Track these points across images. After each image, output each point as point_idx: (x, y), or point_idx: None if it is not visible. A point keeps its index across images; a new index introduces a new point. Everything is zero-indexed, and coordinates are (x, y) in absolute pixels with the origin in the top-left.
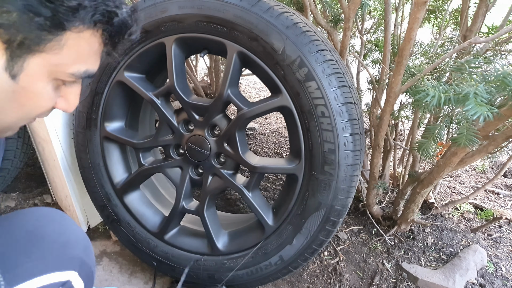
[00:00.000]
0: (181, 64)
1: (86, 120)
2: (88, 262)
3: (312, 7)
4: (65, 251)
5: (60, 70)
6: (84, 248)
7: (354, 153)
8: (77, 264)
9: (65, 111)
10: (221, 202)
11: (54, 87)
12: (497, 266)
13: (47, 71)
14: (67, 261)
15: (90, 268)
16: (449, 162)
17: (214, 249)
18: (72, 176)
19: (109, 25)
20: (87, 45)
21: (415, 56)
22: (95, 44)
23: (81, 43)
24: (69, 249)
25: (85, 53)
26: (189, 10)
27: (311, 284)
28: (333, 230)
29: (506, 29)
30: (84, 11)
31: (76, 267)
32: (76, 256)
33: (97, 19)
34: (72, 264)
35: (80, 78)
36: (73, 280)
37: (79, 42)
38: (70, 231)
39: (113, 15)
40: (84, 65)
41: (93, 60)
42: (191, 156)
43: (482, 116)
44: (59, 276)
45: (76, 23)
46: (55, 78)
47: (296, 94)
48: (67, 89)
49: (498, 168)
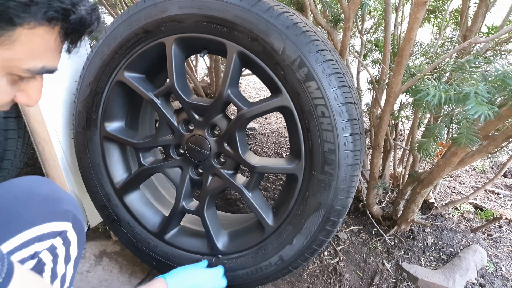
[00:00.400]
0: (181, 64)
1: (86, 120)
2: (80, 218)
3: (312, 7)
4: (60, 205)
5: (13, 65)
6: (75, 206)
7: (354, 153)
8: (70, 217)
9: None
10: (221, 202)
11: (10, 81)
12: (497, 266)
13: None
14: (62, 214)
15: (81, 223)
16: (449, 162)
17: (214, 249)
18: (72, 176)
19: (65, 22)
20: (42, 42)
21: (415, 56)
22: (51, 40)
23: (35, 39)
24: (62, 204)
25: (40, 50)
26: (189, 10)
27: (311, 284)
28: (333, 230)
29: (506, 29)
30: (36, 7)
31: (70, 219)
32: (70, 210)
33: (51, 15)
34: (66, 217)
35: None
36: (68, 230)
37: (32, 38)
38: (61, 191)
39: (70, 12)
40: (40, 61)
41: (51, 56)
42: (191, 156)
43: (482, 116)
44: (56, 226)
45: (28, 19)
46: (9, 72)
47: (296, 94)
48: (27, 84)
49: (498, 168)
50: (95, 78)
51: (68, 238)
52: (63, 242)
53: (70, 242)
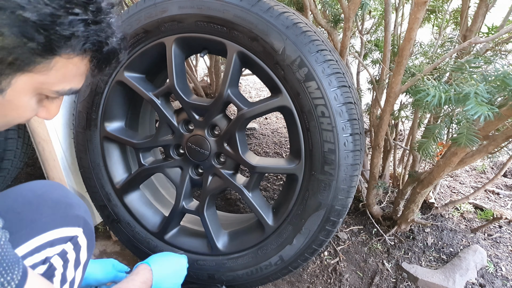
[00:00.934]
0: (181, 64)
1: (86, 120)
2: (90, 223)
3: (312, 7)
4: (71, 210)
5: (45, 88)
6: (85, 211)
7: (354, 153)
8: (81, 222)
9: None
10: (221, 202)
11: (37, 100)
12: (497, 266)
13: (33, 88)
14: (73, 219)
15: (91, 228)
16: (449, 162)
17: (214, 249)
18: (72, 176)
19: (98, 53)
20: (75, 68)
21: (415, 56)
22: (82, 67)
23: (69, 66)
24: (74, 209)
25: (71, 75)
26: (189, 10)
27: (311, 284)
28: (333, 230)
29: (506, 29)
30: (76, 40)
31: (81, 224)
32: (80, 215)
33: (88, 47)
34: (77, 222)
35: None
36: (79, 235)
37: (67, 66)
38: (72, 196)
39: (103, 45)
40: (69, 84)
41: (78, 80)
42: (191, 156)
43: (482, 116)
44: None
45: (67, 50)
46: (40, 93)
47: (296, 94)
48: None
49: (498, 168)
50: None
51: (78, 243)
52: (74, 247)
53: (80, 247)
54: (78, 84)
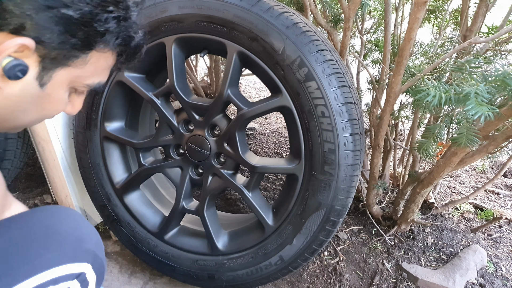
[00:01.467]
0: (181, 64)
1: (86, 120)
2: (100, 256)
3: (312, 7)
4: (80, 244)
5: (79, 81)
6: (96, 243)
7: (354, 153)
8: (90, 257)
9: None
10: (221, 202)
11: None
12: (497, 266)
13: (69, 81)
14: (82, 254)
15: (102, 262)
16: (449, 162)
17: (214, 249)
18: (72, 176)
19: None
20: (105, 62)
21: (415, 56)
22: (111, 61)
23: (101, 60)
24: (83, 243)
25: (102, 68)
26: (189, 10)
27: (311, 284)
28: (333, 230)
29: (506, 29)
30: (110, 36)
31: (90, 259)
32: (90, 249)
33: (119, 42)
34: (86, 257)
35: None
36: (87, 272)
37: (99, 59)
38: (83, 226)
39: (131, 39)
40: (98, 77)
41: (106, 73)
42: (191, 156)
43: (482, 116)
44: (74, 268)
45: (101, 45)
46: (73, 87)
47: (296, 94)
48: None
49: (498, 168)
50: None
51: (86, 280)
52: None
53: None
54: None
